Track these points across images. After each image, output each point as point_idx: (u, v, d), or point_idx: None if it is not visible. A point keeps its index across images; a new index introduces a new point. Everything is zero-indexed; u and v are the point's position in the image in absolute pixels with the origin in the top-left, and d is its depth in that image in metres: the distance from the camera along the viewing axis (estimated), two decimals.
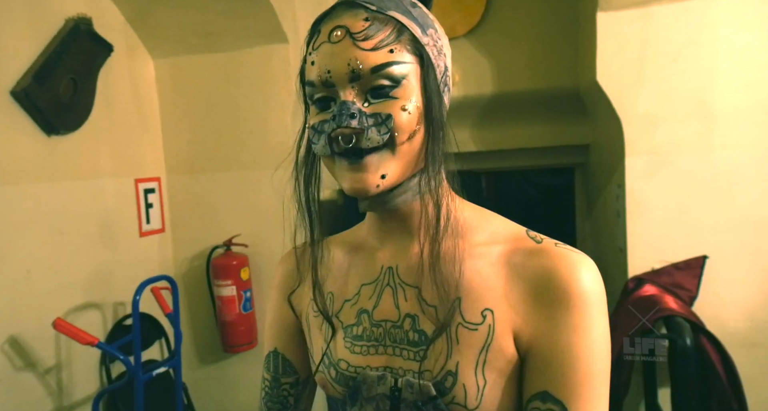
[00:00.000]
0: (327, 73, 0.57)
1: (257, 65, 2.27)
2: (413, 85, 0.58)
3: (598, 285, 0.58)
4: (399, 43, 0.58)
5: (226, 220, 2.36)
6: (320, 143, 0.60)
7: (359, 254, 0.70)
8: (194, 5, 2.11)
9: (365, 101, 0.58)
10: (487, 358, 0.58)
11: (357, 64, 0.56)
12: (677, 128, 1.94)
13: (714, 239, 1.93)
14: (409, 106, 0.58)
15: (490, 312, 0.59)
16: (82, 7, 1.97)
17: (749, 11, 1.85)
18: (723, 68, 1.88)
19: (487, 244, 0.62)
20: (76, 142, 1.97)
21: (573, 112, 2.44)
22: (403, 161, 0.59)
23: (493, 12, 2.40)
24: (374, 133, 0.57)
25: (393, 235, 0.66)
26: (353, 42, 0.56)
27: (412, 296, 0.63)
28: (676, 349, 1.73)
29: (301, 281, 0.74)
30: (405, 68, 0.58)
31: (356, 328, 0.66)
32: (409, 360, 0.61)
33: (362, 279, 0.68)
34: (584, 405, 0.56)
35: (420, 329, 0.61)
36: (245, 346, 2.31)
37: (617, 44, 1.95)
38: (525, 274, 0.60)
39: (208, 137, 2.37)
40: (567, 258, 0.59)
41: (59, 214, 1.91)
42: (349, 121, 0.56)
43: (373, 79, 0.57)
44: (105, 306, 2.11)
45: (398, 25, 0.58)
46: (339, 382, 0.66)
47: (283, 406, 0.76)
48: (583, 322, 0.56)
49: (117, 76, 2.17)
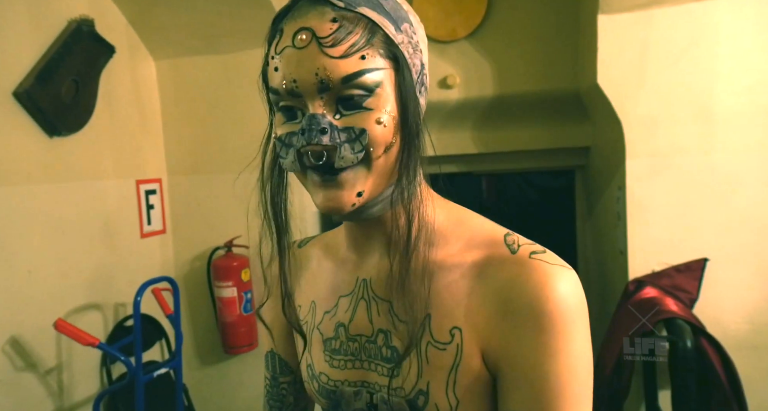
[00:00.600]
0: (293, 82, 0.52)
1: (258, 67, 2.25)
2: (388, 93, 0.53)
3: (575, 300, 0.53)
4: (371, 48, 0.52)
5: (226, 222, 2.37)
6: (288, 159, 0.55)
7: (337, 262, 0.68)
8: (196, 7, 2.12)
9: (336, 113, 0.53)
10: (456, 379, 0.55)
11: (326, 74, 0.51)
12: (678, 131, 1.94)
13: (714, 242, 1.93)
14: (383, 118, 0.53)
15: (459, 330, 0.56)
16: (85, 9, 1.98)
17: (750, 14, 1.85)
18: (724, 71, 1.89)
19: (461, 253, 0.58)
20: (78, 143, 1.98)
21: (573, 114, 2.44)
22: (379, 176, 0.55)
23: (494, 14, 2.40)
24: (347, 150, 0.52)
25: (367, 245, 0.63)
26: (320, 48, 0.51)
27: (384, 310, 0.60)
28: (677, 351, 1.73)
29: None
30: (378, 75, 0.52)
31: (334, 341, 0.64)
32: (383, 376, 0.60)
33: (340, 290, 0.65)
34: None
35: (392, 345, 0.59)
36: (246, 347, 2.31)
37: (618, 47, 1.96)
38: (494, 287, 0.55)
39: (209, 138, 2.37)
40: (538, 271, 0.53)
41: (61, 215, 1.92)
42: (319, 137, 0.52)
43: (343, 89, 0.52)
44: (106, 307, 2.11)
45: (369, 23, 0.53)
46: (321, 395, 0.66)
47: (283, 404, 0.77)
48: (554, 342, 0.51)
49: (119, 77, 2.18)
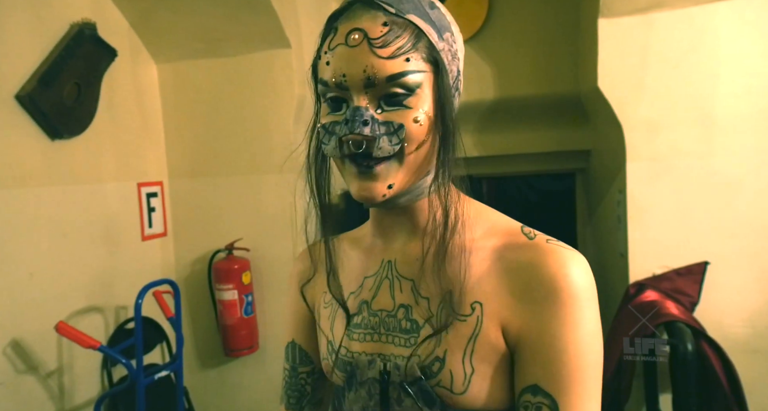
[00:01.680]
0: (342, 76, 0.58)
1: (260, 70, 2.28)
2: (426, 94, 0.59)
3: (588, 281, 0.59)
4: (416, 51, 0.58)
5: (228, 224, 2.37)
6: (330, 145, 0.60)
7: (364, 249, 0.73)
8: (198, 11, 2.13)
9: (378, 108, 0.58)
10: (474, 348, 0.60)
11: (373, 72, 0.56)
12: (678, 134, 1.95)
13: (715, 245, 1.93)
14: (420, 117, 0.58)
15: (479, 305, 0.61)
16: (87, 13, 1.98)
17: (750, 19, 1.85)
18: (724, 75, 1.89)
19: (483, 239, 0.64)
20: (80, 146, 1.99)
21: (574, 117, 2.44)
22: (409, 170, 0.60)
23: (495, 18, 2.41)
24: (386, 142, 0.58)
25: (393, 230, 0.69)
26: (371, 48, 0.56)
27: (407, 288, 0.66)
28: (678, 354, 1.73)
29: (315, 274, 0.77)
30: (419, 77, 0.58)
31: (356, 317, 0.69)
32: (400, 346, 0.64)
33: (365, 272, 0.70)
34: (574, 398, 0.56)
35: (412, 319, 0.64)
36: (246, 350, 2.31)
37: (618, 50, 1.96)
38: (514, 268, 0.60)
39: (210, 141, 2.38)
40: (556, 253, 0.59)
41: (62, 218, 1.92)
42: (361, 128, 0.57)
43: (387, 87, 0.57)
44: (107, 309, 2.11)
45: (416, 30, 0.58)
46: (339, 368, 0.69)
47: (301, 394, 0.79)
48: (572, 317, 0.57)
49: (120, 80, 2.19)
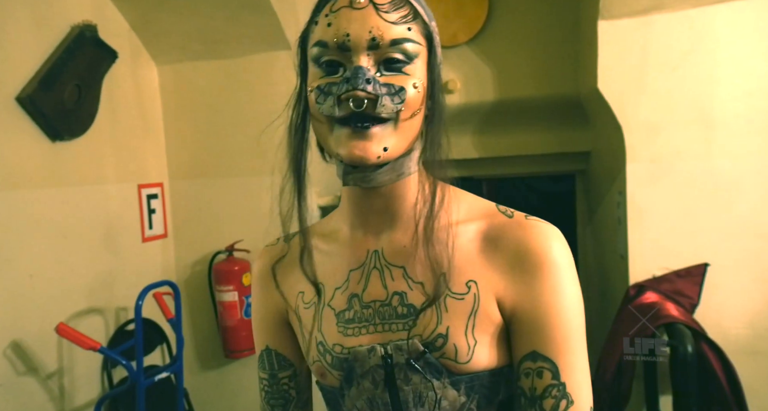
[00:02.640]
0: (346, 36, 0.58)
1: (260, 72, 2.28)
2: (420, 66, 0.61)
3: (566, 251, 0.64)
4: (415, 24, 0.61)
5: (228, 226, 2.37)
6: (327, 104, 0.59)
7: (342, 243, 0.71)
8: (198, 13, 2.13)
9: (377, 72, 0.59)
10: (475, 322, 0.63)
11: (379, 33, 0.58)
12: (678, 136, 1.95)
13: (715, 247, 1.93)
14: (418, 84, 0.60)
15: (474, 283, 0.63)
16: (88, 15, 1.99)
17: (749, 20, 1.86)
18: (723, 77, 1.89)
19: (464, 222, 0.66)
20: (80, 148, 1.99)
21: (574, 119, 2.45)
22: (402, 137, 0.61)
23: (495, 20, 2.42)
24: (388, 101, 0.58)
25: (375, 218, 0.68)
26: (377, 11, 0.58)
27: (399, 275, 0.66)
28: (678, 356, 1.73)
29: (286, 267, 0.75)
30: (417, 48, 0.61)
31: (348, 312, 0.68)
32: (399, 331, 0.65)
33: (349, 265, 0.69)
34: (571, 358, 0.61)
35: (408, 304, 0.65)
36: (246, 351, 2.31)
37: (618, 52, 1.97)
38: (502, 246, 0.64)
39: (210, 143, 2.38)
40: (538, 228, 0.64)
41: (63, 219, 1.92)
42: (365, 84, 0.57)
43: (390, 51, 0.59)
44: (107, 311, 2.11)
45: (413, 7, 0.61)
46: (335, 367, 0.68)
47: (286, 400, 0.77)
48: (559, 286, 0.62)
49: (121, 82, 2.19)
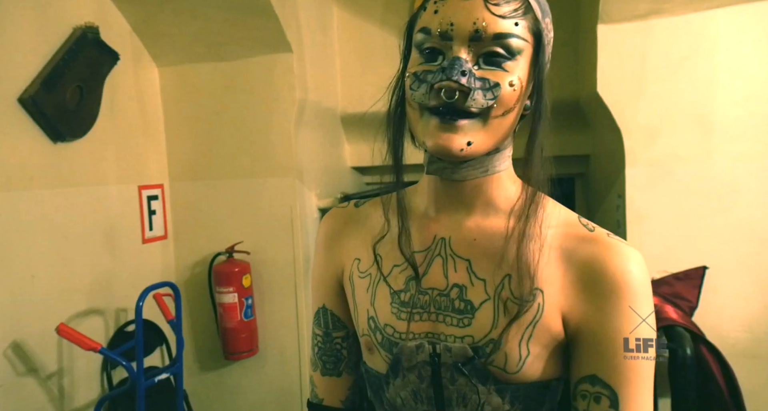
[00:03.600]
0: (450, 25, 0.57)
1: (261, 74, 2.29)
2: (523, 64, 0.60)
3: (646, 277, 0.61)
4: (524, 19, 0.59)
5: (228, 227, 2.38)
6: (420, 91, 0.59)
7: (413, 220, 0.70)
8: (200, 15, 2.14)
9: (476, 64, 0.58)
10: (533, 333, 0.61)
11: (483, 26, 0.57)
12: (677, 140, 1.96)
13: (713, 250, 1.94)
14: (515, 82, 0.58)
15: (540, 292, 0.61)
16: (90, 16, 2.00)
17: (748, 25, 1.87)
18: (722, 81, 1.91)
19: (542, 226, 0.64)
20: (82, 149, 1.99)
21: (573, 122, 2.45)
22: (490, 134, 0.60)
23: None
24: (480, 95, 0.57)
25: (450, 206, 0.67)
26: (485, 3, 0.57)
27: (462, 268, 0.65)
28: (677, 359, 1.73)
29: (351, 231, 0.75)
30: (522, 44, 0.59)
31: (404, 294, 0.67)
32: (452, 326, 0.64)
33: (414, 246, 0.68)
34: (633, 390, 0.58)
35: (467, 299, 0.63)
36: (246, 353, 2.31)
37: (617, 56, 1.98)
38: (576, 260, 0.61)
39: (211, 145, 2.39)
40: (618, 249, 0.61)
41: (63, 220, 1.92)
42: (459, 76, 0.56)
43: (492, 44, 0.57)
44: (107, 312, 2.12)
45: (526, 2, 0.60)
46: (384, 347, 0.68)
47: (338, 359, 0.78)
48: (629, 311, 0.59)
49: (122, 84, 2.20)
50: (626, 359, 0.58)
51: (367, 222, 0.74)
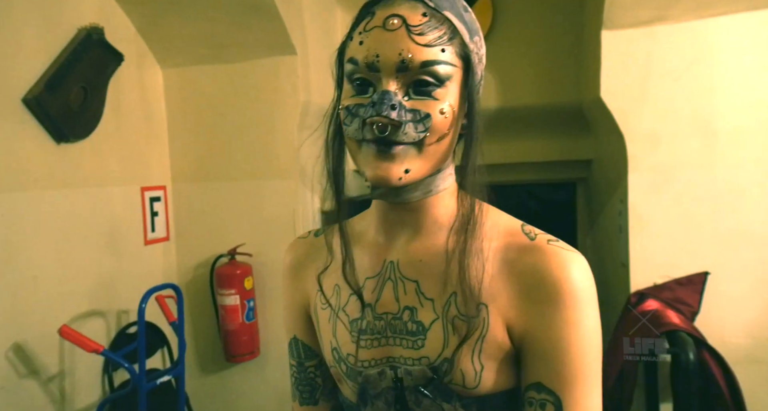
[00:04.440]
0: (375, 56, 0.57)
1: (265, 76, 2.29)
2: (453, 89, 0.60)
3: (588, 281, 0.61)
4: (450, 45, 0.59)
5: (230, 230, 2.37)
6: (353, 126, 0.60)
7: (364, 247, 0.70)
8: (204, 17, 2.14)
9: (406, 95, 0.58)
10: (482, 348, 0.61)
11: (408, 56, 0.57)
12: (679, 145, 1.97)
13: (715, 255, 1.95)
14: (446, 109, 0.59)
15: (485, 306, 0.61)
16: (95, 17, 1.99)
17: (750, 33, 1.89)
18: (724, 88, 1.92)
19: (486, 239, 0.64)
20: (85, 150, 1.99)
21: (576, 127, 2.47)
22: (427, 160, 0.60)
23: (499, 28, 2.44)
24: (411, 128, 0.57)
25: (397, 228, 0.68)
26: (409, 34, 0.57)
27: (411, 290, 0.65)
28: (679, 364, 1.74)
29: (315, 266, 0.75)
30: (450, 70, 0.59)
31: (361, 322, 0.67)
32: (408, 349, 0.64)
33: (366, 273, 0.69)
34: (577, 394, 0.59)
35: (418, 320, 0.64)
36: (247, 355, 2.31)
37: (621, 62, 1.99)
38: (517, 270, 0.61)
39: (214, 147, 2.39)
40: (558, 255, 0.61)
41: (66, 221, 1.92)
42: (389, 111, 0.57)
43: (419, 73, 0.57)
44: (109, 314, 2.11)
45: (452, 26, 0.59)
46: (350, 377, 0.69)
47: (313, 387, 0.79)
48: (574, 317, 0.59)
49: (126, 85, 2.19)
50: (569, 365, 0.58)
51: (329, 251, 0.74)
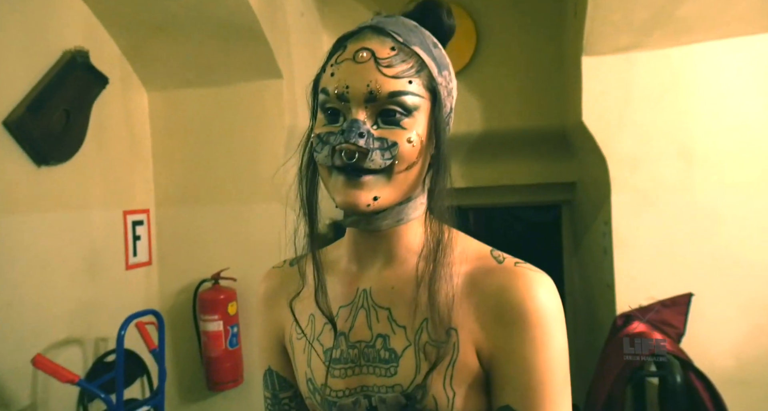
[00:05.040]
0: (345, 88, 0.60)
1: (251, 100, 2.30)
2: (421, 119, 0.62)
3: (554, 302, 0.61)
4: (418, 77, 0.61)
5: (215, 254, 2.34)
6: (323, 153, 0.62)
7: (337, 275, 0.71)
8: (191, 40, 2.15)
9: (374, 124, 0.60)
10: (453, 373, 0.61)
11: (376, 87, 0.59)
12: (660, 168, 2.01)
13: (699, 277, 1.97)
14: (414, 138, 0.60)
15: (455, 331, 0.62)
16: (80, 40, 1.99)
17: (725, 60, 1.95)
18: (701, 112, 1.97)
19: (456, 265, 0.65)
20: (66, 173, 1.96)
21: (560, 150, 2.50)
22: (396, 188, 0.62)
23: (483, 53, 2.49)
24: (378, 156, 0.59)
25: (369, 256, 0.68)
26: (377, 66, 0.59)
27: (383, 317, 0.66)
28: (667, 386, 1.74)
29: (288, 295, 0.75)
30: (418, 100, 0.61)
31: (335, 351, 0.67)
32: (381, 376, 0.64)
33: (340, 301, 0.69)
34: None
35: (390, 348, 0.64)
36: (230, 383, 2.25)
37: (602, 87, 2.04)
38: (484, 291, 0.62)
39: (199, 170, 2.37)
40: (524, 277, 0.61)
41: (45, 246, 1.87)
42: (357, 138, 0.58)
43: (387, 103, 0.59)
44: (86, 342, 2.04)
45: (420, 60, 0.62)
46: (324, 408, 0.68)
47: None
48: (540, 339, 0.59)
49: (111, 108, 2.18)
50: (536, 387, 0.59)
51: (303, 280, 0.74)
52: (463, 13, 2.42)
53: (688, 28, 1.91)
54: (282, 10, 2.27)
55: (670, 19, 1.87)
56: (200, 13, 2.02)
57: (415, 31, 0.63)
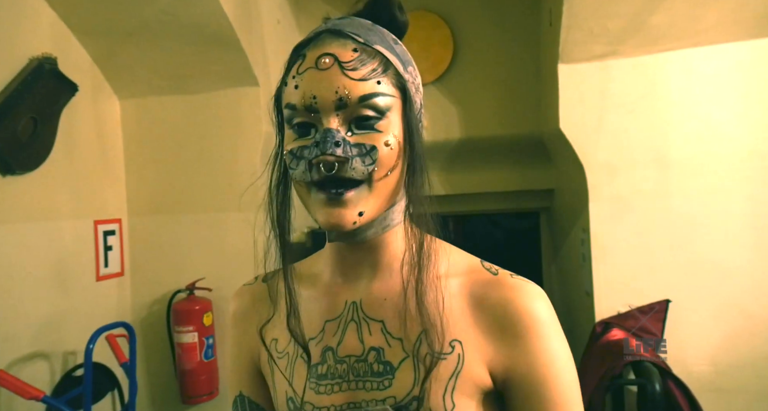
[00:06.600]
0: (312, 98, 0.57)
1: (227, 107, 2.26)
2: (395, 119, 0.59)
3: (552, 310, 0.63)
4: (385, 76, 0.59)
5: (189, 264, 2.29)
6: (299, 169, 0.58)
7: (320, 289, 0.68)
8: (164, 47, 2.11)
9: (348, 131, 0.57)
10: (456, 385, 0.59)
11: (345, 92, 0.56)
12: (636, 175, 2.01)
13: (675, 283, 1.97)
14: (391, 140, 0.58)
15: (459, 342, 0.60)
16: (49, 47, 1.94)
17: (698, 68, 1.97)
18: (676, 120, 1.99)
19: (447, 276, 0.63)
20: (33, 182, 1.90)
21: (537, 157, 2.51)
22: (378, 198, 0.59)
23: (460, 61, 2.49)
24: (359, 162, 0.56)
25: (356, 268, 0.66)
26: (342, 70, 0.57)
27: (377, 330, 0.63)
28: (646, 394, 1.73)
29: (260, 316, 0.72)
30: (390, 101, 0.58)
31: (321, 367, 0.64)
32: (373, 391, 0.61)
33: (325, 316, 0.66)
34: None
35: (385, 361, 0.62)
36: (205, 396, 2.19)
37: (578, 95, 2.04)
38: (487, 305, 0.61)
39: (173, 179, 2.32)
40: (524, 289, 0.62)
41: (10, 257, 1.81)
42: (333, 148, 0.55)
43: (359, 108, 0.57)
44: (54, 356, 1.98)
45: (384, 59, 0.59)
46: None
47: None
48: (551, 346, 0.60)
49: (81, 116, 2.13)
50: (560, 392, 0.59)
51: (279, 297, 0.70)
52: (441, 22, 2.42)
53: (662, 37, 1.92)
54: (258, 17, 2.25)
55: (643, 27, 1.88)
56: (173, 19, 1.99)
57: (373, 30, 0.61)
